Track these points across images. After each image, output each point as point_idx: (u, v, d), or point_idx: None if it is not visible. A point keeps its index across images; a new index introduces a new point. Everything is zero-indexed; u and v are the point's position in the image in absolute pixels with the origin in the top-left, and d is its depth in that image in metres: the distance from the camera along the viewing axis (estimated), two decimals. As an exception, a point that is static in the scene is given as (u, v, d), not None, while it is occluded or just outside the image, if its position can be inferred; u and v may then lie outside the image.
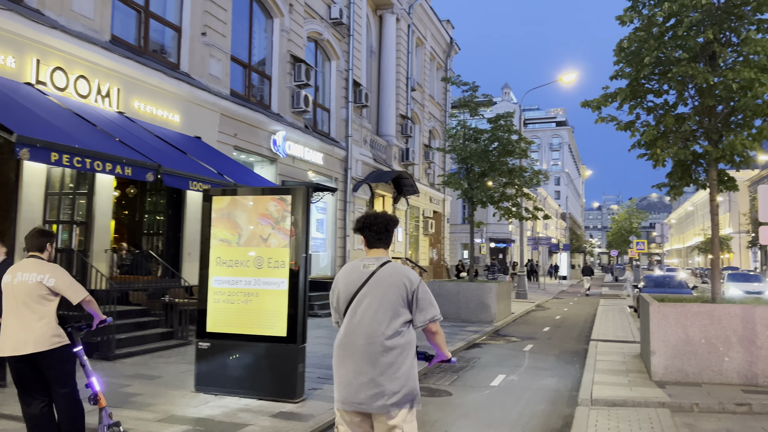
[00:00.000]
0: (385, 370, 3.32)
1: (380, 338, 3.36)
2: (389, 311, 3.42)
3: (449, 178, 17.43)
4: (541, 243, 35.84)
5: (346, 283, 3.58)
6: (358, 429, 3.41)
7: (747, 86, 8.28)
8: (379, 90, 24.87)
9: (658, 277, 20.61)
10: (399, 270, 3.54)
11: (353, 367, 3.37)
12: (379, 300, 3.43)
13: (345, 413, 3.43)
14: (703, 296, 9.40)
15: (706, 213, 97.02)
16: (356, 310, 3.46)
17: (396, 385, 3.31)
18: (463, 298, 16.27)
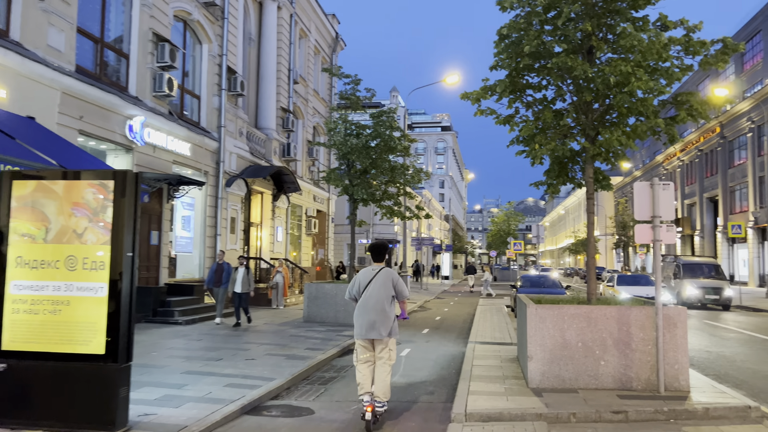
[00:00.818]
0: (384, 318, 6.44)
1: (380, 304, 6.47)
2: (384, 291, 6.54)
3: (330, 174, 16.51)
4: (425, 243, 35.93)
5: (364, 277, 6.69)
6: (368, 347, 6.53)
7: (623, 81, 8.07)
8: (259, 80, 23.47)
9: (533, 277, 20.97)
10: (389, 272, 6.67)
11: (368, 315, 6.45)
12: (379, 286, 6.54)
13: (360, 340, 6.55)
14: (579, 297, 9.17)
15: (577, 216, 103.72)
16: (369, 290, 6.55)
17: (386, 328, 6.44)
18: (342, 300, 15.37)
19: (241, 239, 20.44)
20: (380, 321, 6.38)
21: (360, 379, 6.48)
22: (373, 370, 6.47)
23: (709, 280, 23.36)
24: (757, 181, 41.75)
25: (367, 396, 6.33)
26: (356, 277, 6.79)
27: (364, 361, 6.52)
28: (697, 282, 23.10)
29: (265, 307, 19.06)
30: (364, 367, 6.49)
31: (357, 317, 6.52)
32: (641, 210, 7.57)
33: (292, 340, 12.03)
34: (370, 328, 6.40)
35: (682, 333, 7.40)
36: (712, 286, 22.86)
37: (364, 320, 6.46)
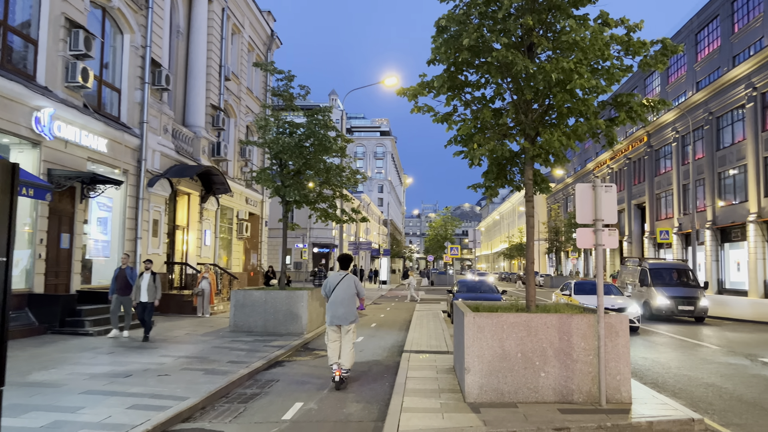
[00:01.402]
0: (349, 310, 8.81)
1: (346, 300, 8.83)
2: (348, 291, 8.88)
3: (260, 173, 15.62)
4: (362, 248, 35.36)
5: (333, 280, 8.97)
6: (336, 330, 8.83)
7: (565, 78, 7.72)
8: (187, 76, 22.28)
9: (470, 282, 20.72)
10: (351, 277, 9.01)
11: (336, 309, 8.79)
12: (345, 287, 8.87)
13: (331, 326, 8.88)
14: (518, 303, 8.78)
15: (512, 222, 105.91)
16: (337, 290, 8.86)
17: (351, 316, 8.83)
18: (271, 308, 14.56)
19: (165, 243, 19.22)
20: (346, 312, 8.90)
21: (330, 354, 8.94)
22: (340, 346, 8.87)
23: (682, 288, 20.73)
24: (681, 189, 43.50)
25: (336, 365, 8.76)
26: (327, 280, 9.19)
27: (333, 340, 8.95)
28: (668, 290, 20.42)
29: (190, 316, 17.93)
30: (334, 345, 8.94)
31: (328, 309, 9.02)
32: (583, 213, 7.21)
33: (214, 352, 11.12)
34: (338, 318, 8.89)
35: (624, 342, 7.07)
36: (685, 295, 20.20)
37: (333, 312, 8.94)
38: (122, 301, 12.94)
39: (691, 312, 19.98)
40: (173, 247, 20.73)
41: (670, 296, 20.13)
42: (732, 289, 36.41)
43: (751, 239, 33.32)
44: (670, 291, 20.39)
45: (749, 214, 33.47)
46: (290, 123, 15.86)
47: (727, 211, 36.84)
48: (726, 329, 18.08)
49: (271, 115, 15.90)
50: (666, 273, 21.81)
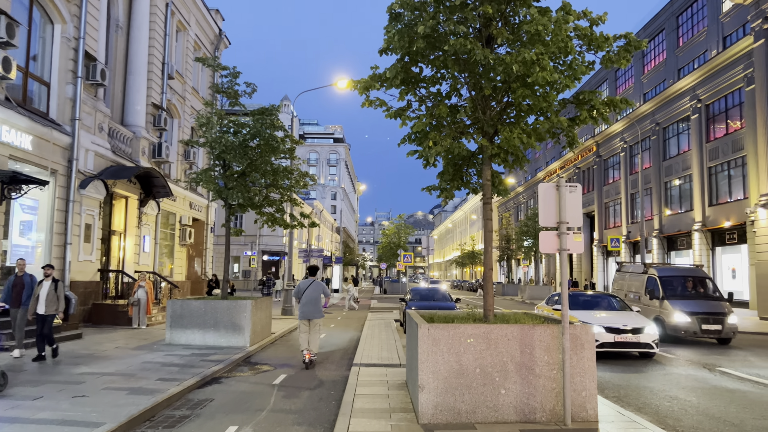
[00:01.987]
0: (316, 308, 11.41)
1: (313, 301, 11.41)
2: (315, 293, 11.48)
3: (202, 174, 14.61)
4: (313, 255, 34.38)
5: (303, 285, 11.53)
6: (307, 324, 11.34)
7: (527, 71, 7.19)
8: (127, 72, 21.01)
9: (423, 290, 20.11)
10: (318, 282, 11.59)
11: (306, 307, 11.34)
12: (312, 290, 11.47)
13: (302, 321, 11.38)
14: (475, 313, 8.17)
15: (464, 230, 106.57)
16: (306, 293, 11.43)
17: (318, 314, 11.42)
18: (211, 319, 13.58)
19: (99, 249, 17.91)
20: (313, 310, 11.41)
21: (301, 341, 11.36)
22: (308, 336, 11.32)
23: (704, 302, 16.60)
24: (629, 198, 44.32)
25: (306, 350, 11.20)
26: (298, 285, 11.69)
27: (304, 332, 11.38)
28: (686, 305, 16.33)
29: (125, 327, 16.69)
30: (305, 335, 11.36)
31: (300, 308, 11.47)
32: (546, 215, 6.66)
33: (143, 369, 10.10)
34: (307, 314, 11.37)
35: (590, 355, 6.54)
36: (710, 311, 16.06)
37: (304, 310, 11.41)
38: (15, 313, 11.13)
39: (717, 332, 15.79)
40: (108, 254, 19.39)
41: (690, 312, 15.96)
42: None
43: (696, 247, 34.03)
44: (689, 306, 16.23)
45: (694, 222, 34.20)
46: (235, 122, 14.95)
47: (673, 220, 37.62)
48: None
49: (214, 112, 14.93)
50: (680, 282, 17.52)
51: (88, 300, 17.24)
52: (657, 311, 17.04)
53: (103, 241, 18.94)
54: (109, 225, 19.48)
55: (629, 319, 13.39)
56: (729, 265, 32.63)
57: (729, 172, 32.09)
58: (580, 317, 13.05)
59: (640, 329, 12.87)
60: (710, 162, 33.41)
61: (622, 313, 14.24)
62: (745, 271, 30.40)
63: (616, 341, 12.67)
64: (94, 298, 17.53)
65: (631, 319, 13.31)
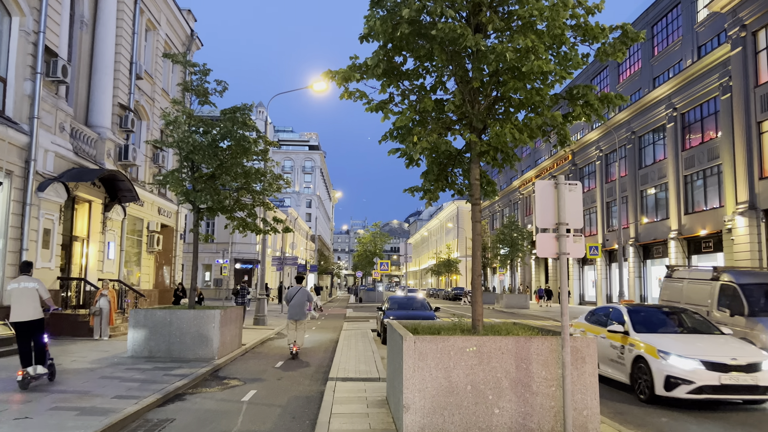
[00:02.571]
0: (302, 311, 14.16)
1: (300, 304, 14.18)
2: (302, 298, 14.24)
3: (168, 176, 13.76)
4: (288, 263, 33.51)
5: (292, 291, 14.32)
6: (293, 324, 14.10)
7: (520, 60, 6.64)
8: (92, 71, 20.05)
9: (401, 298, 19.44)
10: (305, 289, 14.46)
11: (294, 309, 14.13)
12: (299, 296, 14.20)
13: (290, 320, 14.16)
14: (462, 323, 7.54)
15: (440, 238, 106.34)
16: (294, 298, 14.17)
17: (303, 315, 14.19)
18: (177, 330, 12.72)
19: (59, 256, 16.88)
20: (299, 312, 13.99)
21: (289, 337, 13.93)
22: (295, 333, 13.83)
23: None
24: (605, 207, 44.37)
25: (293, 343, 13.67)
26: (289, 291, 14.33)
27: (292, 329, 13.93)
28: None
29: (86, 339, 15.70)
30: (293, 332, 13.91)
31: (289, 310, 14.15)
32: (544, 216, 6.08)
33: (100, 385, 9.24)
34: (295, 315, 13.99)
35: (592, 370, 5.95)
36: None
37: (292, 312, 14.06)
38: None
39: None
40: (70, 260, 18.35)
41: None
42: (654, 305, 37.06)
43: (672, 256, 34.02)
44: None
45: (670, 231, 34.23)
46: (205, 121, 14.16)
47: (649, 228, 37.64)
48: None
49: (183, 111, 14.11)
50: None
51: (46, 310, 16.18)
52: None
53: (64, 247, 17.92)
54: (70, 230, 18.46)
55: (734, 348, 9.29)
56: (705, 273, 32.64)
57: (705, 181, 32.18)
58: (658, 345, 9.14)
59: (756, 365, 8.74)
60: (686, 170, 33.49)
61: (717, 338, 9.87)
62: (721, 279, 30.40)
63: (723, 384, 8.51)
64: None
65: (737, 349, 9.24)
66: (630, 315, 10.36)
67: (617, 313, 10.87)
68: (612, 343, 10.18)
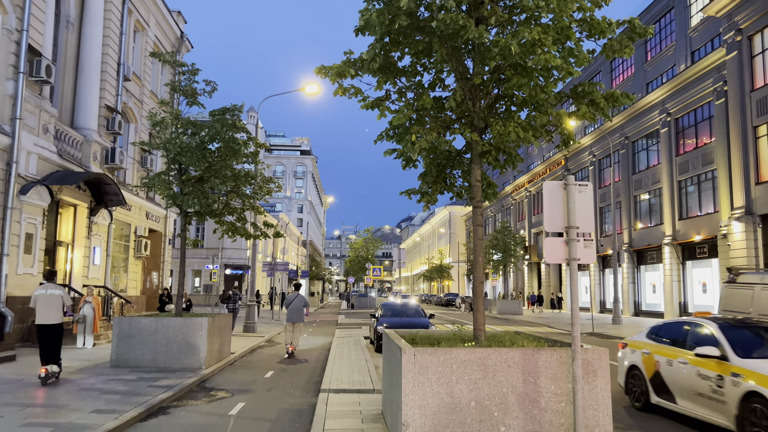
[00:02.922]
0: (299, 315, 15.73)
1: (296, 309, 15.76)
2: (298, 304, 15.87)
3: (154, 179, 13.28)
4: (278, 268, 33.00)
5: (290, 297, 16.12)
6: (290, 327, 15.63)
7: (526, 52, 6.27)
8: (78, 72, 19.55)
9: (395, 305, 19.01)
10: (301, 295, 16.08)
11: (291, 314, 15.69)
12: (296, 301, 15.89)
13: (287, 323, 15.73)
14: (464, 333, 7.14)
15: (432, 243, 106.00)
16: (292, 303, 15.91)
17: (299, 319, 15.73)
18: (163, 338, 12.24)
19: (42, 261, 16.33)
20: (296, 316, 15.42)
21: (286, 338, 15.48)
22: (291, 335, 15.30)
23: None
24: (598, 212, 44.17)
25: (289, 344, 15.13)
26: (288, 297, 16.09)
27: (289, 331, 15.39)
28: None
29: (69, 347, 15.12)
30: (289, 333, 15.35)
31: (287, 315, 15.65)
32: (553, 219, 5.70)
33: (79, 397, 8.75)
34: (291, 319, 15.39)
35: (604, 384, 5.56)
36: None
37: (290, 316, 15.50)
38: None
39: None
40: (54, 266, 17.79)
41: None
42: (648, 311, 36.86)
43: (666, 261, 33.82)
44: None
45: (665, 236, 34.02)
46: (193, 123, 13.70)
47: (643, 234, 37.44)
48: None
49: (170, 112, 13.66)
50: None
51: (27, 317, 15.63)
52: None
53: (48, 252, 17.36)
54: (54, 235, 17.92)
55: None
56: (699, 279, 32.45)
57: (699, 186, 32.01)
58: None
59: None
60: (680, 176, 33.33)
61: None
62: (716, 285, 30.20)
63: None
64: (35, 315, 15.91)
65: None
66: (726, 333, 7.69)
67: (702, 329, 8.19)
68: (700, 371, 7.59)
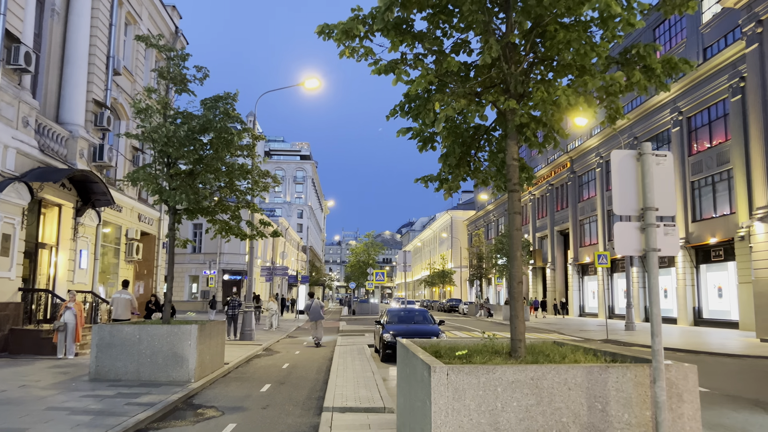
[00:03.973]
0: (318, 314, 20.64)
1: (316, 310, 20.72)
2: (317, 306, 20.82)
3: (138, 172, 12.05)
4: (277, 273, 31.75)
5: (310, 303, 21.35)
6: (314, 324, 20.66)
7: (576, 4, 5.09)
8: (64, 64, 18.38)
9: (401, 311, 17.73)
10: (318, 300, 21.35)
11: (313, 313, 20.66)
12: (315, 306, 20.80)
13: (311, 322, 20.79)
14: (495, 343, 5.93)
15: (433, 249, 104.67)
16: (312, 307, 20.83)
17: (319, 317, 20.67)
18: (148, 348, 11.00)
19: (20, 264, 15.11)
20: (317, 315, 20.39)
21: (312, 333, 20.38)
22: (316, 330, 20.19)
23: None
24: (606, 215, 42.93)
25: (314, 337, 20.19)
26: (307, 304, 21.68)
27: (314, 328, 20.34)
28: None
29: (49, 357, 13.89)
30: (313, 330, 20.31)
31: (310, 315, 20.68)
32: (623, 199, 4.48)
33: (43, 419, 7.51)
34: (314, 318, 20.38)
35: (692, 412, 4.32)
36: None
37: (312, 316, 20.54)
38: None
39: None
40: (35, 270, 16.59)
41: None
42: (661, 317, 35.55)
43: (679, 265, 32.59)
44: None
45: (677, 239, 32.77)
46: (183, 113, 12.48)
47: (653, 237, 36.17)
48: None
49: (158, 100, 12.45)
50: None
51: (4, 325, 14.42)
52: None
53: (28, 255, 16.16)
54: (36, 237, 16.71)
55: None
56: (714, 283, 31.19)
57: (714, 187, 30.81)
58: None
59: None
60: (693, 176, 32.14)
61: None
62: (733, 289, 28.94)
63: None
64: (13, 323, 14.70)
65: None
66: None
67: None
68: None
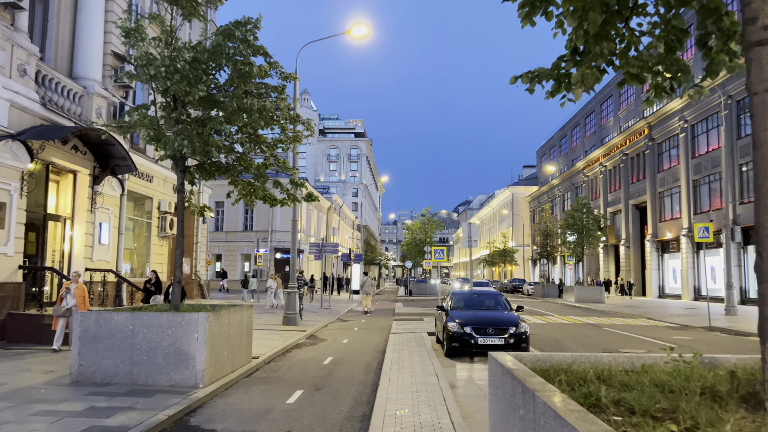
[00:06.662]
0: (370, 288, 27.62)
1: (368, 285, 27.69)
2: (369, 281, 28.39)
3: (131, 113, 9.41)
4: (326, 251, 29.22)
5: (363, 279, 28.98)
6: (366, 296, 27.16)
7: None
8: (77, 9, 16.10)
9: (470, 295, 14.61)
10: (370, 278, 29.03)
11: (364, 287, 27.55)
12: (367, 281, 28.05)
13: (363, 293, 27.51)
14: (694, 367, 2.96)
15: (493, 227, 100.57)
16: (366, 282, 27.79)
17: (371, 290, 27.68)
18: (144, 342, 8.47)
19: (20, 238, 12.94)
20: (369, 289, 27.12)
21: (363, 301, 26.88)
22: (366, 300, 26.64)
23: None
24: (691, 186, 38.32)
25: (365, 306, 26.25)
26: (361, 279, 33.80)
27: (365, 298, 26.82)
28: None
29: (45, 347, 11.67)
30: (365, 299, 26.77)
31: (362, 289, 27.70)
32: None
33: None
34: (366, 291, 27.04)
35: None
36: None
37: (364, 289, 27.19)
38: None
39: None
40: (42, 245, 14.49)
41: None
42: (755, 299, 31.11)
43: None
44: None
45: (785, 210, 28.24)
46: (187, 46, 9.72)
47: (751, 209, 31.63)
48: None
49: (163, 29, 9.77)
50: None
51: (0, 308, 12.33)
52: None
53: (34, 228, 14.06)
54: (44, 207, 14.59)
55: None
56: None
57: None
58: None
59: None
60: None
61: None
62: None
63: None
64: (12, 306, 12.59)
65: None
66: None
67: None
68: None
